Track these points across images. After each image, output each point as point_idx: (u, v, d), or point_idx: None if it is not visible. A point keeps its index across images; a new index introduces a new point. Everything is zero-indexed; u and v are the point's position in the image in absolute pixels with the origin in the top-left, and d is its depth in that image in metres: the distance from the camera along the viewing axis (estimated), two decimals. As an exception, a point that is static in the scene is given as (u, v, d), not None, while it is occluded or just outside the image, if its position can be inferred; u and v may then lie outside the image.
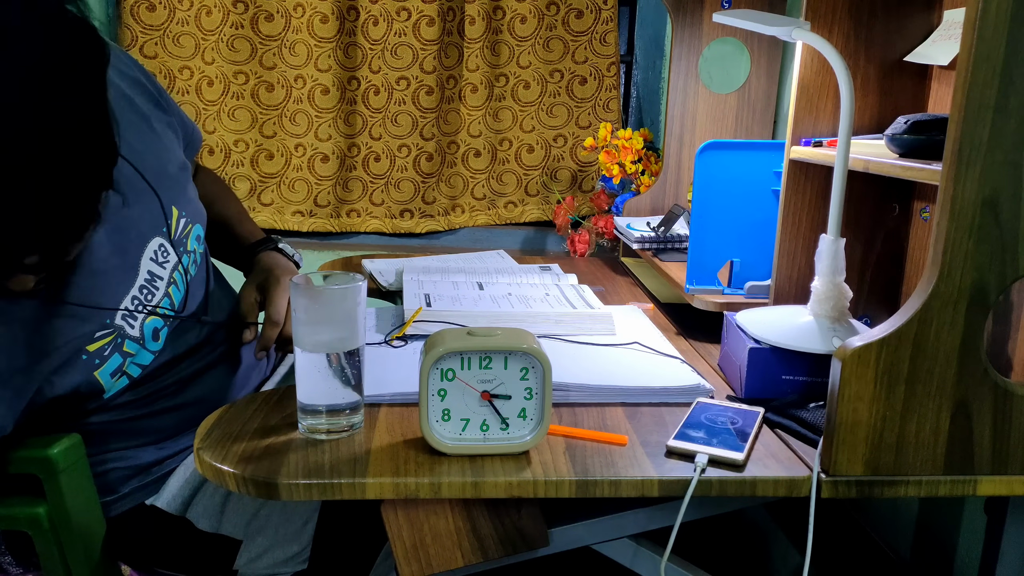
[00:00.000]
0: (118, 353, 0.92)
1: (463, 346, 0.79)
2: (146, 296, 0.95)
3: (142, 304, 0.94)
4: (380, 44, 2.01)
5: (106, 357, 0.91)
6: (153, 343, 0.96)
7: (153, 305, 0.96)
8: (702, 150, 1.21)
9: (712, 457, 0.80)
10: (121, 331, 0.92)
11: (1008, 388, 0.77)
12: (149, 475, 1.01)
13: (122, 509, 1.00)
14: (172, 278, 0.99)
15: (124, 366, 0.93)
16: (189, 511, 0.98)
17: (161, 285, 0.97)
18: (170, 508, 0.98)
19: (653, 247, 1.52)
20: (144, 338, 0.95)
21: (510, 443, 0.81)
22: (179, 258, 1.00)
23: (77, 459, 0.92)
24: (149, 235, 0.97)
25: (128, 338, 0.93)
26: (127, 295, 0.93)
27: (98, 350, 0.90)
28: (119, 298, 0.93)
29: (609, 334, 1.15)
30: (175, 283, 1.00)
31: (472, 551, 0.83)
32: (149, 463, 1.01)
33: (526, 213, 2.13)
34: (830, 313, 0.96)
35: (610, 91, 2.06)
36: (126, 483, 1.00)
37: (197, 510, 0.98)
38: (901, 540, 1.24)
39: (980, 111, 0.70)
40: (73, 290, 0.88)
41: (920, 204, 1.13)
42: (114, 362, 0.92)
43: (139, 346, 0.94)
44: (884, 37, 1.08)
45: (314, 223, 2.09)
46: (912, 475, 0.79)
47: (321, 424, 0.84)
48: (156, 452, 1.02)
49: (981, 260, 0.74)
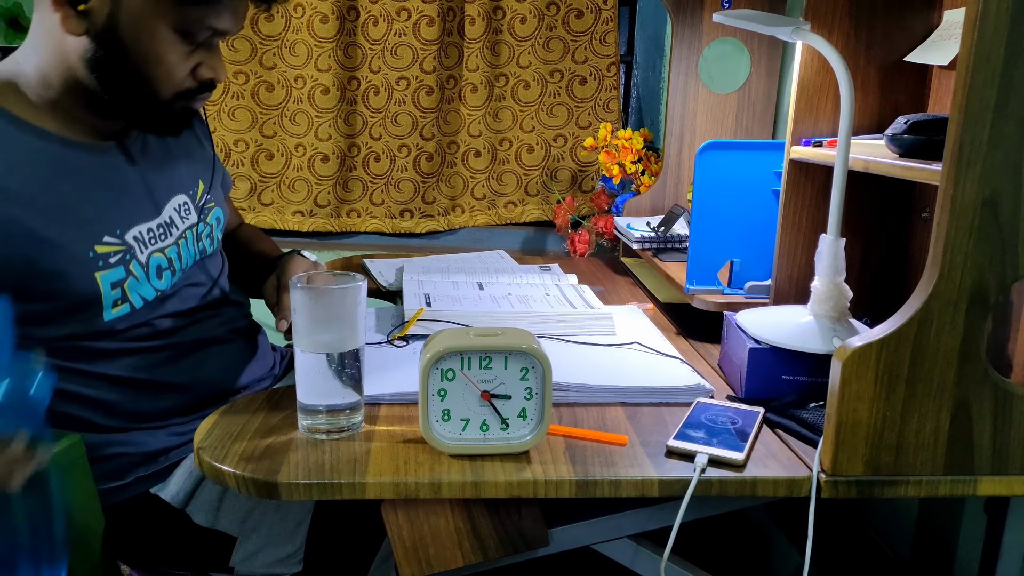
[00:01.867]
0: (123, 267, 0.96)
1: (463, 346, 0.79)
2: (160, 234, 1.02)
3: (155, 238, 1.01)
4: (380, 44, 2.01)
5: (111, 264, 0.94)
6: (156, 280, 1.00)
7: (163, 247, 1.02)
8: (702, 150, 1.21)
9: (712, 457, 0.80)
10: (131, 249, 0.97)
11: (1008, 388, 0.77)
12: (156, 464, 1.01)
13: (125, 497, 1.00)
14: (185, 234, 1.06)
15: (126, 285, 0.96)
16: (189, 505, 0.98)
17: (175, 233, 1.04)
18: (174, 501, 0.99)
19: (653, 247, 1.52)
20: (149, 269, 0.99)
21: (510, 443, 0.81)
22: (198, 220, 1.09)
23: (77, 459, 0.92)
24: (179, 189, 1.07)
25: (135, 260, 0.97)
26: (144, 224, 1.00)
27: (105, 254, 0.94)
28: (136, 221, 0.99)
29: (609, 334, 1.15)
30: (186, 239, 1.06)
31: (472, 551, 0.83)
32: (156, 451, 1.01)
33: (526, 213, 2.13)
34: (830, 313, 0.96)
35: (610, 91, 2.06)
36: (132, 471, 1.00)
37: (196, 504, 0.99)
38: (901, 540, 1.24)
39: (980, 111, 0.70)
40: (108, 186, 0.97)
41: (920, 204, 1.13)
42: (117, 273, 0.95)
43: (143, 274, 0.98)
44: (884, 37, 1.08)
45: (314, 223, 2.09)
46: (912, 475, 0.79)
47: (321, 424, 0.84)
48: (165, 439, 1.02)
49: (981, 260, 0.74)
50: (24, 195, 0.89)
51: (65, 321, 0.93)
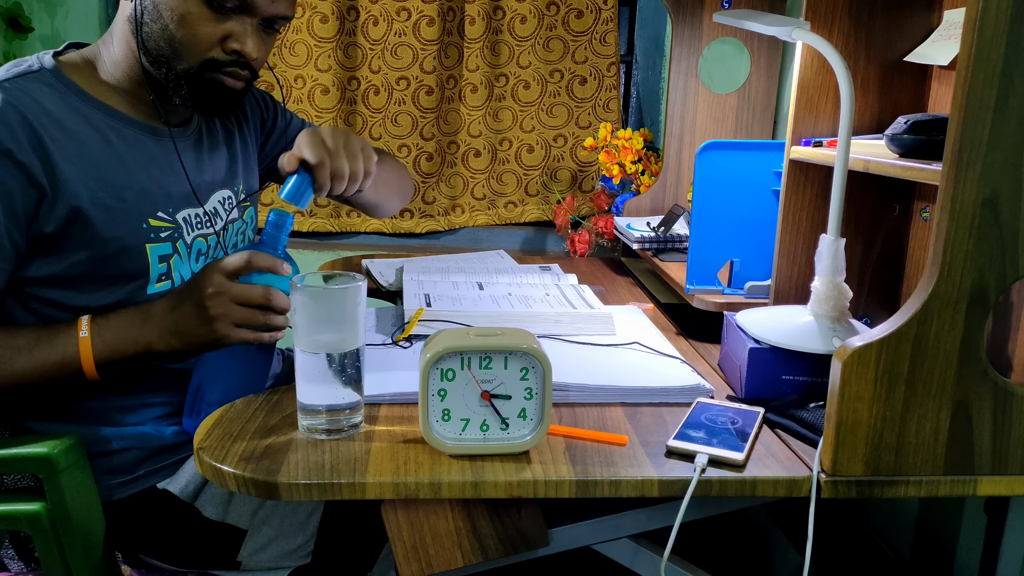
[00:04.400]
0: (171, 243, 1.02)
1: (463, 346, 0.79)
2: (205, 221, 1.09)
3: (201, 224, 1.08)
4: (380, 44, 2.01)
5: (161, 238, 1.01)
6: (195, 263, 1.07)
7: (206, 233, 1.09)
8: (702, 150, 1.21)
9: (712, 457, 0.80)
10: (179, 228, 1.04)
11: (1008, 388, 0.77)
12: (164, 458, 1.02)
13: (134, 491, 1.00)
14: (227, 226, 1.13)
15: (172, 261, 1.02)
16: (199, 499, 0.99)
17: (219, 224, 1.11)
18: (183, 494, 0.99)
19: (653, 247, 1.52)
20: (192, 250, 1.06)
21: (510, 443, 0.81)
22: (238, 217, 1.16)
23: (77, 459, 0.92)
24: (224, 184, 1.14)
25: (182, 239, 1.04)
26: (190, 209, 1.06)
27: (157, 227, 1.01)
28: (183, 205, 1.05)
29: (609, 334, 1.15)
30: (226, 231, 1.13)
31: (472, 551, 0.83)
32: (165, 445, 1.02)
33: (526, 213, 2.13)
34: (830, 313, 0.96)
35: (610, 91, 2.06)
36: (141, 464, 1.01)
37: (205, 497, 0.99)
38: (901, 540, 1.24)
39: (980, 111, 0.70)
40: (163, 168, 1.03)
41: (920, 204, 1.13)
42: (165, 248, 1.02)
43: (187, 254, 1.05)
44: (884, 37, 1.08)
45: (314, 223, 2.09)
46: (912, 475, 0.79)
47: (321, 424, 0.84)
48: (174, 436, 1.03)
49: (981, 260, 0.74)
50: (89, 161, 0.95)
51: (112, 289, 0.98)
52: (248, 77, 1.03)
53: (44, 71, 0.97)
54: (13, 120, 0.90)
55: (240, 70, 1.01)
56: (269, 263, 0.92)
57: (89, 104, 0.98)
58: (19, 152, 0.89)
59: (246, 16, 0.98)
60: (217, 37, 0.98)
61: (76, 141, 0.95)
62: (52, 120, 0.93)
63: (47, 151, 0.91)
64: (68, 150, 0.93)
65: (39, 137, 0.91)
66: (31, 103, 0.92)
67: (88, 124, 0.97)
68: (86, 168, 0.95)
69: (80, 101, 0.98)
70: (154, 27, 0.96)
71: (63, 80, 0.98)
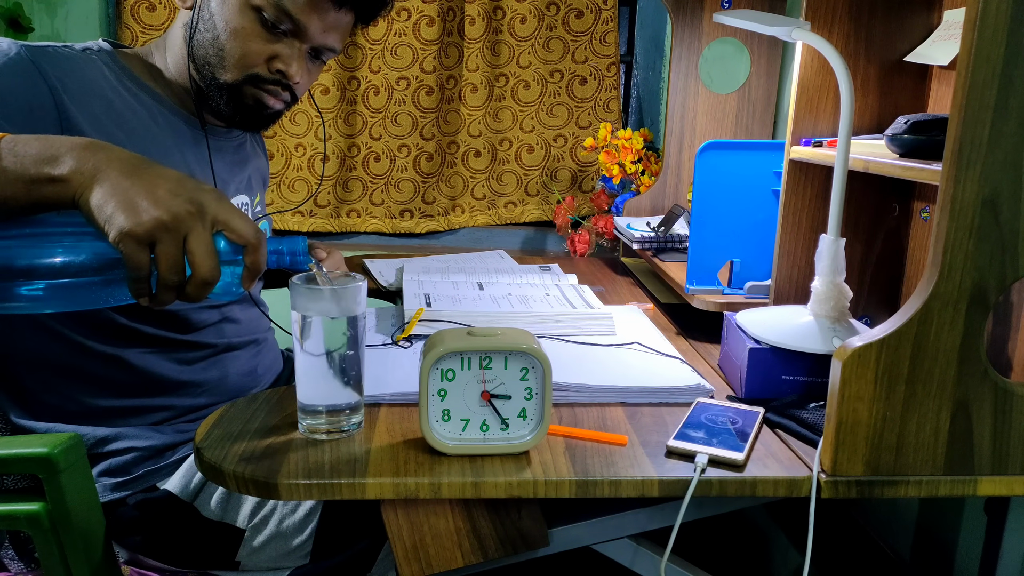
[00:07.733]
0: None
1: (463, 346, 0.79)
2: None
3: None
4: (380, 44, 2.01)
5: None
6: None
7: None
8: (702, 150, 1.21)
9: (712, 457, 0.80)
10: None
11: (1008, 388, 0.77)
12: (164, 458, 1.02)
13: (133, 491, 1.00)
14: None
15: None
16: (198, 498, 0.99)
17: None
18: (183, 494, 0.99)
19: (653, 247, 1.52)
20: None
21: (510, 443, 0.81)
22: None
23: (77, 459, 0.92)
24: (243, 191, 1.18)
25: None
26: None
27: None
28: None
29: (609, 334, 1.15)
30: None
31: (472, 551, 0.83)
32: (164, 445, 1.02)
33: (526, 213, 2.13)
34: (830, 313, 0.96)
35: (610, 91, 2.06)
36: (140, 464, 1.01)
37: (205, 497, 0.99)
38: (901, 540, 1.24)
39: (980, 111, 0.70)
40: (195, 162, 1.07)
41: (920, 204, 1.13)
42: None
43: None
44: (884, 37, 1.08)
45: (314, 223, 2.09)
46: (912, 475, 0.79)
47: (321, 424, 0.84)
48: (174, 435, 1.03)
49: (981, 260, 0.73)
50: (128, 129, 0.98)
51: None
52: (287, 99, 1.07)
53: (103, 51, 1.02)
54: (32, 74, 0.91)
55: (281, 90, 1.05)
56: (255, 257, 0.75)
57: (140, 88, 1.03)
58: (34, 98, 0.91)
59: (296, 40, 1.02)
60: (265, 55, 1.01)
61: (115, 112, 0.97)
62: (92, 91, 0.96)
63: (64, 108, 0.92)
64: (100, 117, 0.95)
65: (58, 98, 0.91)
66: (70, 70, 0.94)
67: (138, 102, 1.02)
68: (124, 132, 0.97)
69: (132, 83, 1.02)
70: (206, 35, 1.01)
71: (118, 63, 1.03)
